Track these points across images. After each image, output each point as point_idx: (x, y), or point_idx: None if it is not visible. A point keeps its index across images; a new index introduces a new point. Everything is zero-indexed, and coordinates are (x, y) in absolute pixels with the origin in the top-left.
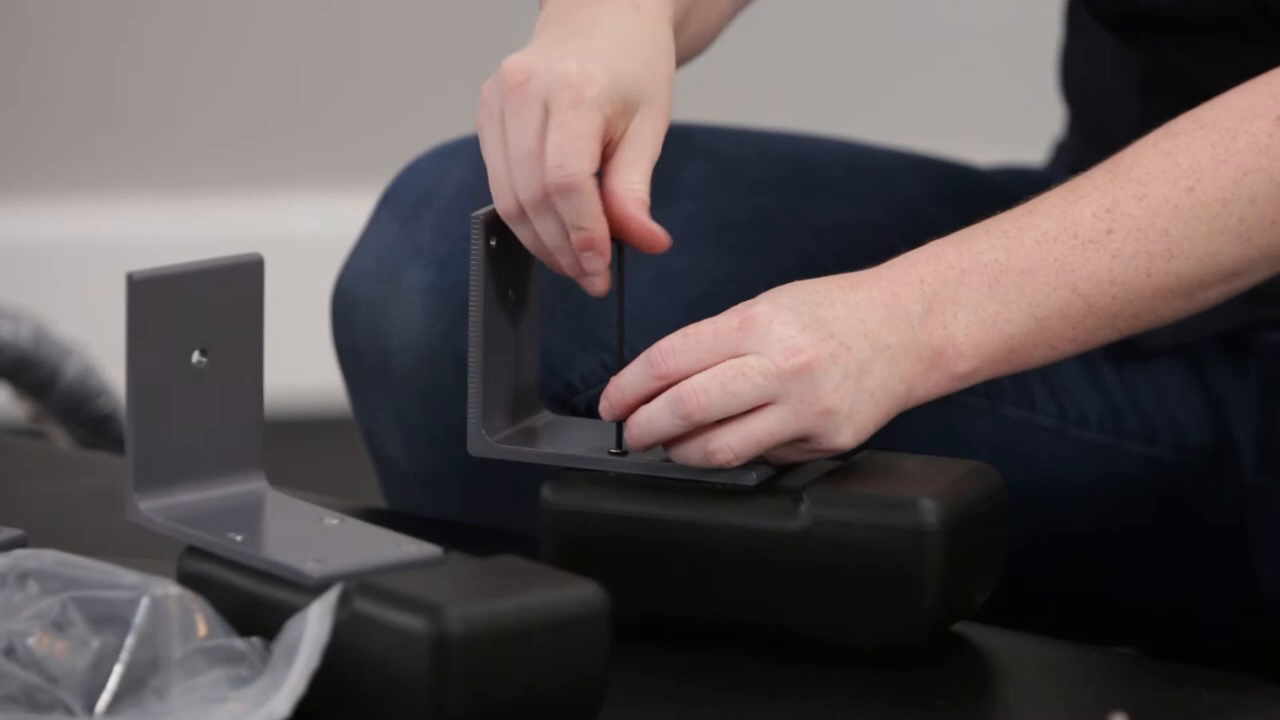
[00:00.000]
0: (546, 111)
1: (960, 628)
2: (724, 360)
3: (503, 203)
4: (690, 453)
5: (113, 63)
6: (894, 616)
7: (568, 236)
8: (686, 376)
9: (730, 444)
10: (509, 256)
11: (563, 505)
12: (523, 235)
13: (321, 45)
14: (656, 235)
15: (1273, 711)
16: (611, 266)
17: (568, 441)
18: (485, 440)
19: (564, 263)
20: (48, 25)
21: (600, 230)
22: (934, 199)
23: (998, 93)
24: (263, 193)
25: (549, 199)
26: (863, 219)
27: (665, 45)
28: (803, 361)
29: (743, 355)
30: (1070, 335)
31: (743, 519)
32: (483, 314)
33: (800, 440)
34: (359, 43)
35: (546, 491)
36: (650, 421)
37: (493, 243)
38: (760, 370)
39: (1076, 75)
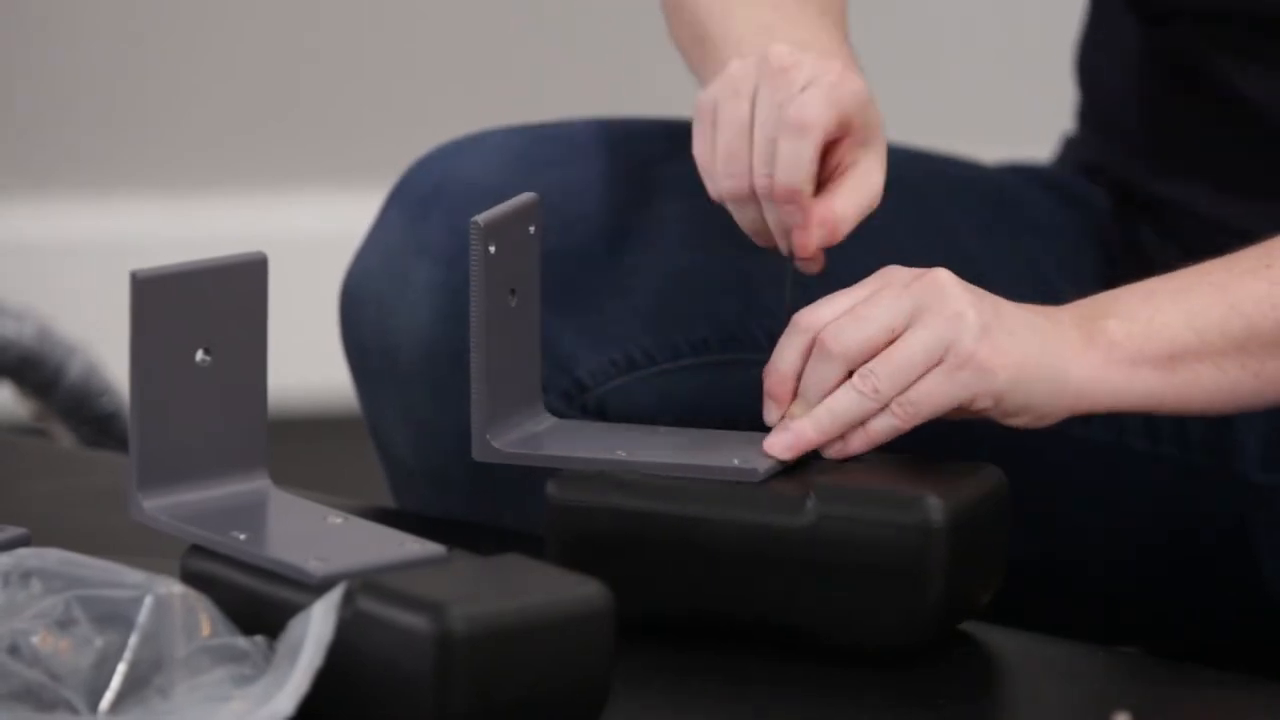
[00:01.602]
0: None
1: (963, 626)
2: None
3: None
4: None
5: (113, 62)
6: (899, 614)
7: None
8: (862, 356)
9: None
10: (509, 260)
11: (568, 501)
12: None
13: (322, 44)
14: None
15: (1274, 711)
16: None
17: (572, 445)
18: (490, 446)
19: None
20: (48, 25)
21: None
22: (938, 196)
23: (1003, 89)
24: (265, 191)
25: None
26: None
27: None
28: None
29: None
30: (1238, 360)
31: (749, 514)
32: (484, 321)
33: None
34: (360, 41)
35: (552, 487)
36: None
37: (491, 249)
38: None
39: (1094, 64)
